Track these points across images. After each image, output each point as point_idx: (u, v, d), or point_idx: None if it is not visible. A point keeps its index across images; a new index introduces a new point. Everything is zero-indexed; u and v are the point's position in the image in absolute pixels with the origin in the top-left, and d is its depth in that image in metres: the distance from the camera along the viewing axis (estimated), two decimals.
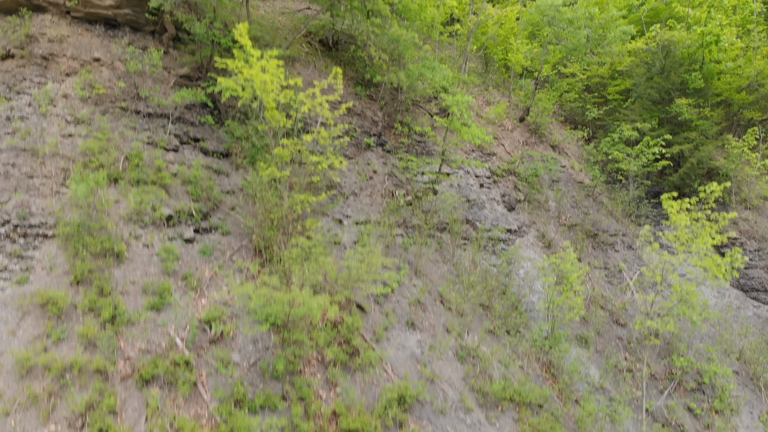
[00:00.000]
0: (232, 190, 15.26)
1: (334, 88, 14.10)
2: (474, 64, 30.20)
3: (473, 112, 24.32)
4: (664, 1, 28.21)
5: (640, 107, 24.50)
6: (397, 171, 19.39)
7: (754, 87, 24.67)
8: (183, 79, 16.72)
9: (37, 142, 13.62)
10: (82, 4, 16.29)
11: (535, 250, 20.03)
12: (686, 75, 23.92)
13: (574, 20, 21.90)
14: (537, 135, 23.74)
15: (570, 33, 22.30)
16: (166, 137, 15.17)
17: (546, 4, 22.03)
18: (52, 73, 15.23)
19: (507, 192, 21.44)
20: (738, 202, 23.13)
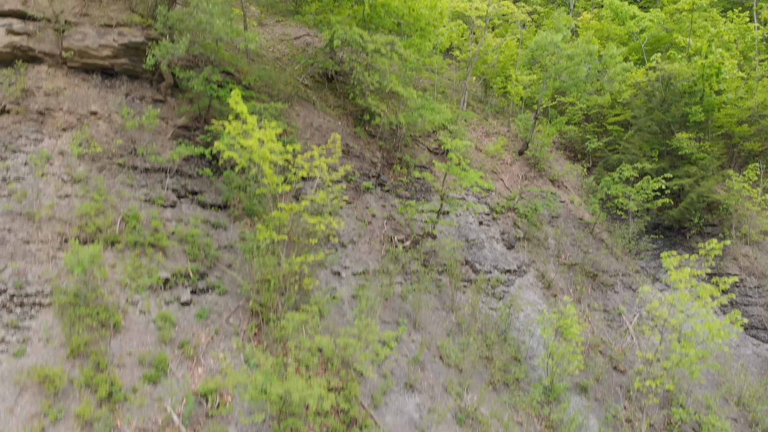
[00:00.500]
0: (229, 245, 15.20)
1: (332, 152, 14.01)
2: (474, 87, 30.09)
3: (472, 145, 24.25)
4: (665, 29, 28.08)
5: (641, 140, 24.42)
6: (395, 212, 19.32)
7: (755, 118, 24.57)
8: (181, 129, 16.63)
9: (33, 205, 13.55)
10: (78, 54, 16.21)
11: (535, 290, 19.97)
12: (686, 108, 23.82)
13: (573, 56, 21.79)
14: (536, 169, 23.66)
15: (569, 69, 22.19)
16: (164, 193, 15.10)
17: (546, 41, 21.92)
18: (48, 129, 15.15)
19: (506, 229, 21.37)
20: (738, 237, 23.06)
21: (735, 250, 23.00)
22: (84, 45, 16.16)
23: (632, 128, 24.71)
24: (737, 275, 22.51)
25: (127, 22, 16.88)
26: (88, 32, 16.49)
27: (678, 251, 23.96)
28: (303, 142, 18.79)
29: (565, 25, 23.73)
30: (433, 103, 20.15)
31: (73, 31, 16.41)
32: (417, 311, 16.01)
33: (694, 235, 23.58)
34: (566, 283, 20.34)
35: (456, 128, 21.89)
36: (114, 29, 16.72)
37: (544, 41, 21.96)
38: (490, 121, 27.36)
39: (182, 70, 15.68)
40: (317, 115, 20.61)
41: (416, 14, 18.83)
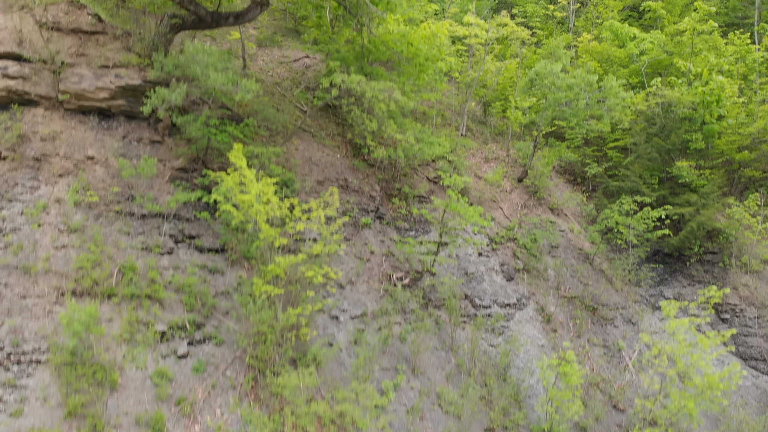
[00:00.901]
0: (226, 291, 15.13)
1: (329, 203, 13.93)
2: (474, 108, 29.95)
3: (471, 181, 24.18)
4: (665, 52, 27.95)
5: (640, 167, 24.32)
6: (394, 247, 19.25)
7: (756, 144, 24.47)
8: (179, 171, 16.55)
9: (29, 258, 13.49)
10: (75, 97, 16.13)
11: (534, 324, 19.92)
12: (687, 135, 23.72)
13: (573, 86, 21.69)
14: (536, 198, 23.58)
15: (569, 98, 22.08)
16: (161, 240, 15.03)
17: (545, 71, 21.81)
18: (45, 175, 15.08)
19: (506, 260, 21.31)
20: (738, 267, 22.99)
21: (735, 279, 22.93)
22: (80, 88, 16.07)
23: (632, 155, 24.61)
24: (737, 305, 22.46)
25: (123, 62, 16.79)
26: (85, 74, 16.40)
27: (678, 278, 23.93)
28: (301, 178, 18.73)
29: (564, 51, 23.60)
30: (431, 137, 20.07)
31: (70, 73, 16.33)
32: (416, 356, 15.96)
33: (694, 263, 23.50)
34: (566, 317, 20.29)
35: (455, 158, 21.80)
36: (111, 70, 16.63)
37: (544, 71, 21.85)
38: (490, 146, 27.25)
39: (179, 114, 15.58)
40: (316, 148, 20.52)
41: (414, 49, 18.74)
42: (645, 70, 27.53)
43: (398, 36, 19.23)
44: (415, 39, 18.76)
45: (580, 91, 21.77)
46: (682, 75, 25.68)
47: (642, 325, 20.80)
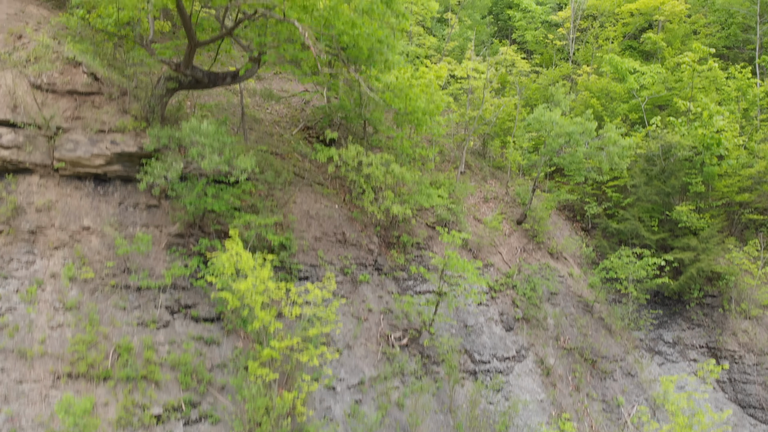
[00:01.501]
0: (223, 363, 15.09)
1: (326, 287, 13.87)
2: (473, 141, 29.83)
3: (470, 215, 24.10)
4: (666, 87, 27.79)
5: (640, 209, 24.23)
6: (392, 302, 19.21)
7: (756, 185, 24.34)
8: (175, 237, 16.48)
9: (25, 340, 13.45)
10: (70, 164, 16.04)
11: (534, 378, 19.90)
12: (686, 178, 23.62)
13: (572, 133, 21.57)
14: (535, 242, 23.50)
15: (568, 146, 22.00)
16: (157, 313, 14.98)
17: (544, 118, 21.70)
18: (40, 248, 15.02)
19: (505, 309, 21.27)
20: (738, 312, 22.94)
21: (734, 325, 22.89)
22: (76, 156, 15.98)
23: (631, 196, 24.51)
24: (736, 351, 22.43)
25: (120, 127, 16.69)
26: (80, 140, 16.31)
27: (678, 321, 23.89)
28: (299, 235, 18.65)
29: (563, 95, 23.44)
30: (428, 188, 20.00)
31: (65, 139, 16.23)
32: (414, 428, 15.93)
33: (694, 306, 23.48)
34: (565, 370, 20.26)
35: (454, 206, 21.72)
36: (107, 136, 16.54)
37: (543, 118, 21.74)
38: (489, 183, 27.16)
39: (175, 191, 15.49)
40: (314, 199, 20.43)
41: (413, 107, 18.65)
42: (645, 106, 27.36)
43: (397, 90, 19.12)
44: (412, 94, 18.65)
45: (579, 138, 21.65)
46: (682, 114, 25.53)
47: (641, 376, 20.77)
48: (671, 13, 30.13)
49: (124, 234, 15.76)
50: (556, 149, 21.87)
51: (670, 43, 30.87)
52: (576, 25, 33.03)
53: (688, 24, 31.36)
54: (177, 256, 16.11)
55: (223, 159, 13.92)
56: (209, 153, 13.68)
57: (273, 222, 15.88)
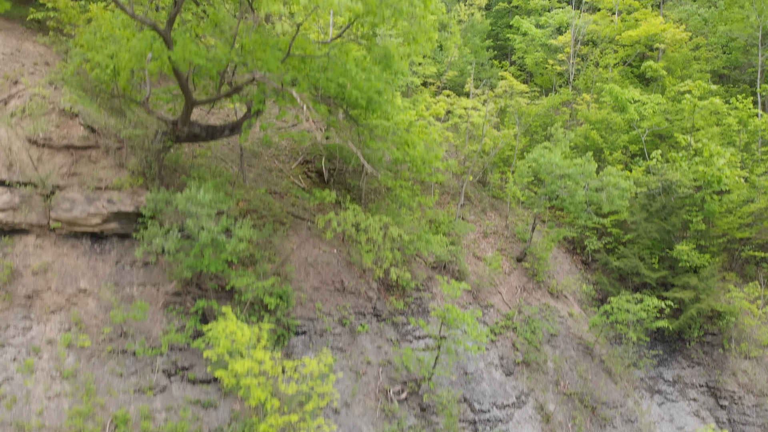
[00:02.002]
0: (219, 428, 15.03)
1: (323, 360, 13.80)
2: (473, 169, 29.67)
3: (470, 253, 24.01)
4: (666, 118, 27.66)
5: (640, 246, 24.13)
6: (391, 351, 19.13)
7: (757, 220, 24.24)
8: (173, 296, 16.37)
9: (23, 412, 13.38)
10: (67, 224, 15.95)
11: (534, 425, 19.84)
12: (687, 215, 23.52)
13: (572, 175, 21.46)
14: (535, 281, 23.41)
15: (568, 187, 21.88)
16: (154, 378, 14.90)
17: (544, 160, 21.59)
18: (37, 312, 14.94)
19: (505, 353, 21.19)
20: (738, 352, 22.87)
21: (734, 365, 22.84)
22: (72, 216, 15.88)
23: (632, 233, 24.39)
24: (735, 392, 22.38)
25: (117, 185, 16.60)
26: (77, 198, 16.21)
27: (678, 359, 23.84)
28: (297, 286, 18.56)
29: (563, 133, 23.30)
30: (427, 235, 19.89)
31: (61, 198, 16.12)
32: None
33: (694, 345, 23.41)
34: (565, 417, 20.20)
35: (454, 248, 21.64)
36: (103, 194, 16.44)
37: (542, 160, 21.62)
38: (489, 214, 27.06)
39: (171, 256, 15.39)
40: (312, 244, 20.32)
41: (411, 156, 18.56)
42: (646, 138, 27.23)
43: (396, 137, 19.05)
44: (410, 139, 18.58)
45: (579, 179, 21.54)
46: (683, 149, 25.39)
47: (641, 421, 20.73)
48: (672, 40, 29.93)
49: (121, 295, 15.69)
50: (555, 191, 21.76)
51: (670, 70, 30.70)
52: (576, 51, 32.84)
53: (688, 49, 31.15)
54: (174, 315, 16.03)
55: (220, 227, 13.81)
56: (206, 222, 13.57)
57: (271, 283, 15.76)
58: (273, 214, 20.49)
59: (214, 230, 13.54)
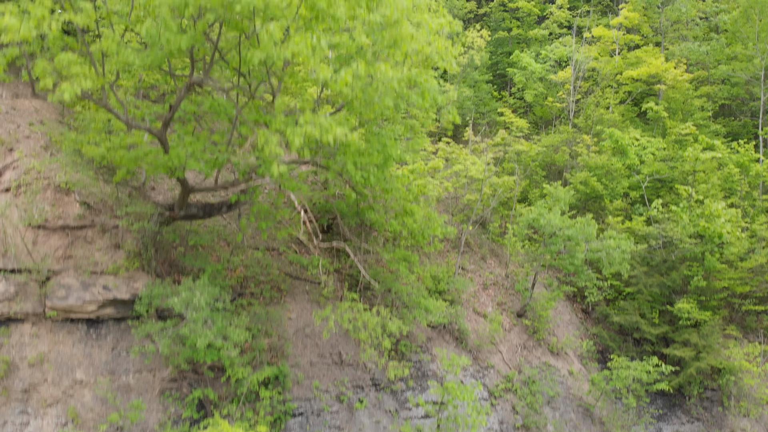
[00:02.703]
0: None
1: None
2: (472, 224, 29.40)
3: (470, 308, 23.91)
4: (668, 165, 27.49)
5: (641, 300, 24.01)
6: (390, 426, 19.05)
7: (757, 274, 24.12)
8: (169, 383, 16.28)
9: None
10: (62, 311, 15.83)
11: None
12: (687, 271, 23.40)
13: (572, 237, 21.32)
14: (536, 338, 23.31)
15: (568, 247, 21.75)
16: None
17: (543, 221, 21.45)
18: (34, 406, 14.84)
19: (505, 418, 21.11)
20: (738, 410, 22.80)
21: (734, 423, 22.78)
22: (68, 304, 15.75)
23: (632, 287, 24.26)
24: None
25: (112, 270, 16.47)
26: (72, 284, 16.08)
27: (677, 414, 23.77)
28: (294, 362, 18.45)
29: (563, 193, 23.14)
30: (427, 301, 19.78)
31: (56, 285, 15.98)
32: None
33: (694, 401, 23.34)
34: None
35: (454, 310, 21.54)
36: (99, 279, 16.32)
37: (542, 221, 21.48)
38: (488, 262, 26.93)
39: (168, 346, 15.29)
40: (310, 311, 20.20)
41: (409, 228, 18.45)
42: (646, 185, 27.07)
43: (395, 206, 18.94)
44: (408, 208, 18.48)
45: (580, 240, 21.40)
46: (684, 200, 25.21)
47: None
48: (673, 81, 29.70)
49: (117, 384, 15.59)
50: (555, 252, 21.63)
51: (672, 110, 30.47)
52: (576, 87, 32.61)
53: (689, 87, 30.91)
54: (171, 402, 15.94)
55: (215, 330, 13.71)
56: (201, 326, 13.47)
57: (266, 375, 15.67)
58: (270, 279, 20.39)
59: (209, 335, 13.41)
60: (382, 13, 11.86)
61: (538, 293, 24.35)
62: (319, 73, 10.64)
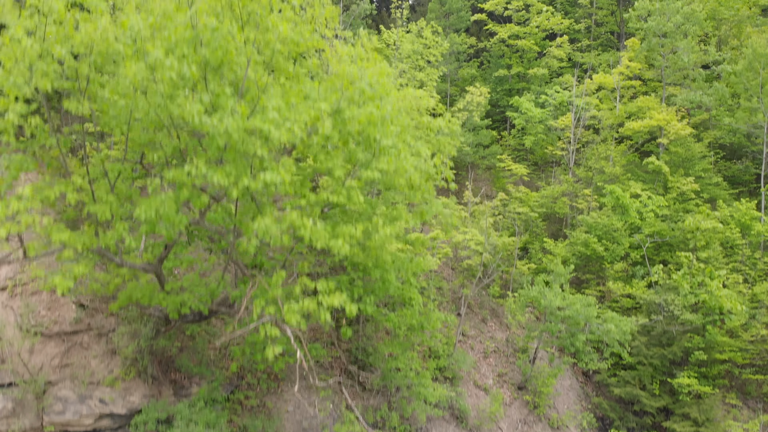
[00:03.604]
0: None
1: None
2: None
3: (471, 380, 23.81)
4: (670, 224, 27.30)
5: (642, 371, 23.89)
6: None
7: (758, 343, 24.00)
8: None
9: None
10: (60, 425, 15.72)
11: None
12: (687, 343, 23.27)
13: (572, 317, 21.20)
14: (536, 413, 23.22)
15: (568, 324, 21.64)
16: None
17: (545, 301, 21.31)
18: None
19: None
20: None
21: None
22: (65, 419, 15.63)
23: (632, 357, 24.11)
24: None
25: (109, 381, 16.34)
26: (69, 397, 15.96)
27: None
28: None
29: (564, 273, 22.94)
30: (427, 390, 19.68)
31: (54, 399, 15.85)
32: None
33: None
34: None
35: (454, 392, 21.46)
36: (96, 390, 16.21)
37: (543, 301, 21.35)
38: (489, 324, 26.82)
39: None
40: (308, 401, 20.03)
41: (408, 322, 18.35)
42: (648, 246, 26.89)
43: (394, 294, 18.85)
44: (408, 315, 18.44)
45: (580, 320, 21.28)
46: (685, 266, 25.02)
47: None
48: (675, 135, 29.41)
49: None
50: (555, 333, 21.54)
51: (674, 164, 30.18)
52: (576, 136, 32.35)
53: (692, 141, 30.65)
54: None
55: None
56: None
57: None
58: (267, 366, 20.24)
59: None
60: (381, 168, 11.70)
61: (540, 363, 24.23)
62: (316, 243, 10.53)
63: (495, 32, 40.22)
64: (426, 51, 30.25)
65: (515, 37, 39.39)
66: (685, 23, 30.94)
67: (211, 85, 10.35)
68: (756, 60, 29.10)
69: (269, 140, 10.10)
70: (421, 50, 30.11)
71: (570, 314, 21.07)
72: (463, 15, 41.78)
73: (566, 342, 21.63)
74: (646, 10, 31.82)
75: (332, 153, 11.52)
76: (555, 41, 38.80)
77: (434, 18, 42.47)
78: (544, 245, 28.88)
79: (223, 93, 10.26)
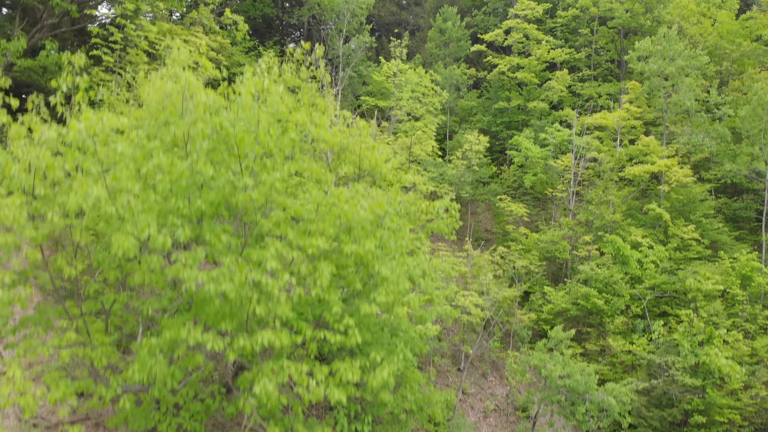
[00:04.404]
0: None
1: None
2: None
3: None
4: (670, 277, 27.19)
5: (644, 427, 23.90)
6: None
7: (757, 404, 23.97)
8: None
9: None
10: None
11: None
12: (687, 406, 23.22)
13: (573, 387, 21.11)
14: None
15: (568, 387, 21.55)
16: None
17: (546, 371, 21.23)
18: None
19: None
20: None
21: None
22: None
23: (632, 417, 24.05)
24: None
25: None
26: None
27: None
28: None
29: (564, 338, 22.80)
30: None
31: None
32: None
33: None
34: None
35: None
36: None
37: (544, 371, 21.25)
38: (489, 379, 26.76)
39: None
40: None
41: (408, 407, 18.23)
42: (648, 299, 26.78)
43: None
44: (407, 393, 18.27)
45: (581, 391, 21.19)
46: (686, 323, 24.90)
47: None
48: (676, 183, 29.22)
49: None
50: (555, 402, 21.46)
51: (676, 210, 29.99)
52: (576, 178, 32.14)
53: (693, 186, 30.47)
54: None
55: None
56: None
57: None
58: None
59: None
60: (380, 301, 11.57)
61: (541, 422, 24.16)
62: (312, 398, 10.44)
63: (495, 64, 39.87)
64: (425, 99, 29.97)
65: (515, 69, 39.06)
66: (686, 66, 30.64)
67: (207, 236, 10.18)
68: (760, 106, 28.82)
69: (266, 293, 9.98)
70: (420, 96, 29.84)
71: (570, 384, 20.96)
72: (463, 44, 41.45)
73: (566, 411, 21.54)
74: (647, 51, 31.48)
75: (328, 290, 11.37)
76: (555, 73, 38.47)
77: (434, 47, 42.15)
78: (544, 292, 28.79)
79: (219, 241, 10.13)
